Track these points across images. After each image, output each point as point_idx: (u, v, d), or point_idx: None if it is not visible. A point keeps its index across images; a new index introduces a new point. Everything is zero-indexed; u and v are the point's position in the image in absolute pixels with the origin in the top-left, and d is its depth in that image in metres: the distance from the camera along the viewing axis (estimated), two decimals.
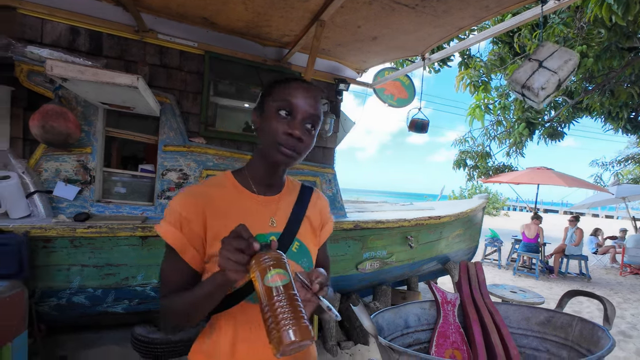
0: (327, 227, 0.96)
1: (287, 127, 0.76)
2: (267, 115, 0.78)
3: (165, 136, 2.41)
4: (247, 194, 0.84)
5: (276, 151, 0.77)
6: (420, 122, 2.70)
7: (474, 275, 1.08)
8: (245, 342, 0.78)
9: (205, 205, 0.77)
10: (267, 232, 0.82)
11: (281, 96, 0.77)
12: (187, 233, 0.75)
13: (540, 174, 6.72)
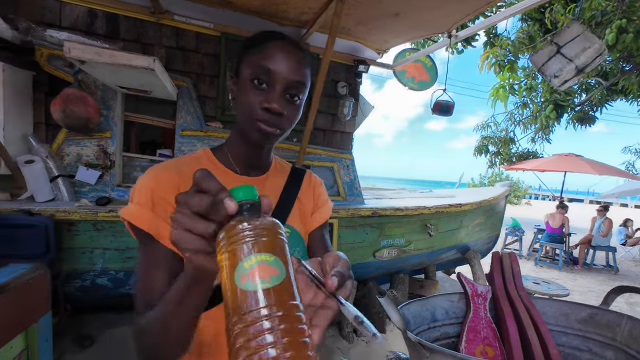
0: (325, 208, 0.83)
1: (264, 99, 0.63)
2: (241, 85, 0.65)
3: (183, 121, 2.39)
4: (228, 174, 0.72)
5: (253, 129, 0.65)
6: (445, 105, 2.56)
7: (508, 267, 1.00)
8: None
9: (181, 181, 0.63)
10: None
11: (256, 61, 0.63)
12: (162, 213, 0.59)
13: (568, 161, 6.40)
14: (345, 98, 2.79)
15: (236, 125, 0.71)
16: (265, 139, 0.66)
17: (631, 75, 4.73)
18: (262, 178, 0.76)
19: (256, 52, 0.64)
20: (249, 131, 0.66)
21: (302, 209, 0.79)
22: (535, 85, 5.26)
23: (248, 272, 0.30)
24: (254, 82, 0.63)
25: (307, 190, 0.82)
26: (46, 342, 1.21)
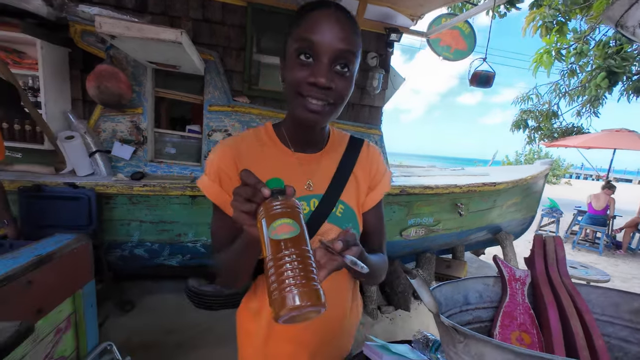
0: (381, 185, 0.82)
1: (310, 74, 0.60)
2: (288, 63, 0.63)
3: (210, 96, 2.40)
4: (284, 150, 0.73)
5: (301, 107, 0.63)
6: (485, 75, 2.36)
7: (552, 252, 0.93)
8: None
9: (237, 157, 0.70)
10: (304, 195, 0.72)
11: (300, 34, 0.60)
12: (227, 187, 0.69)
13: (619, 137, 5.85)
14: (375, 70, 2.65)
15: (288, 104, 0.69)
16: (315, 117, 0.63)
17: None
18: (317, 155, 0.76)
19: (300, 25, 0.61)
20: (297, 110, 0.64)
21: (357, 184, 0.79)
22: (586, 50, 4.64)
23: (276, 228, 0.47)
24: (299, 57, 0.61)
25: (364, 164, 0.81)
26: (91, 307, 1.30)
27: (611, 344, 0.86)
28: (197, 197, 2.31)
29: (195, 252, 2.53)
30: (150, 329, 2.37)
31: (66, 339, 1.20)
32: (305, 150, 0.75)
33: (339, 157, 0.78)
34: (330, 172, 0.75)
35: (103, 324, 2.36)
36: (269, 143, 0.74)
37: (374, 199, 0.82)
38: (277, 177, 0.52)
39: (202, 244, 2.48)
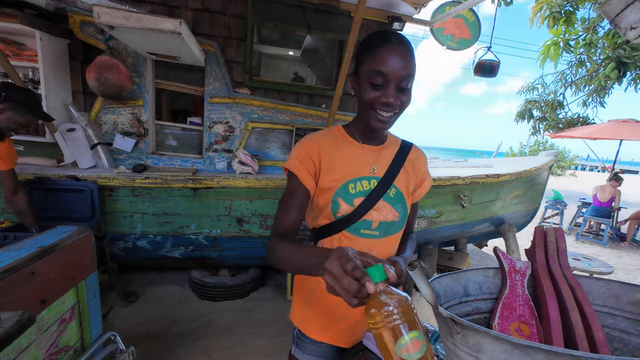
0: (425, 183, 1.04)
1: (382, 95, 0.80)
2: (361, 82, 0.83)
3: (211, 87, 2.38)
4: (353, 143, 0.94)
5: (374, 119, 0.84)
6: (489, 64, 2.32)
7: (553, 243, 0.92)
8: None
9: (320, 146, 0.91)
10: (367, 175, 0.92)
11: (372, 66, 0.79)
12: (306, 164, 0.90)
13: (626, 128, 5.75)
14: None
15: (359, 112, 0.92)
16: (384, 125, 0.85)
17: None
18: (378, 148, 0.96)
19: (372, 56, 0.80)
20: (370, 120, 0.85)
21: (407, 175, 0.98)
22: (595, 40, 4.52)
23: (406, 346, 0.46)
24: (371, 83, 0.80)
25: (413, 161, 1.00)
26: (94, 297, 1.31)
27: (611, 335, 0.86)
28: (198, 189, 2.31)
29: (198, 244, 2.55)
30: (154, 320, 2.40)
31: (70, 328, 1.21)
32: (370, 143, 0.95)
33: (394, 152, 0.98)
34: (387, 161, 0.96)
35: (107, 315, 2.39)
36: (341, 138, 0.95)
37: (420, 194, 1.05)
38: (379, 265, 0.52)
39: (204, 236, 2.50)
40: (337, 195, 0.90)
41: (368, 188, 0.91)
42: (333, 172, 0.90)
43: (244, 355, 2.11)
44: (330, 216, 0.91)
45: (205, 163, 2.55)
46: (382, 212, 0.93)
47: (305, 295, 1.02)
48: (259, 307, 2.70)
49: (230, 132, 2.52)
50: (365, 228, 0.92)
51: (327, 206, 0.91)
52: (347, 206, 0.90)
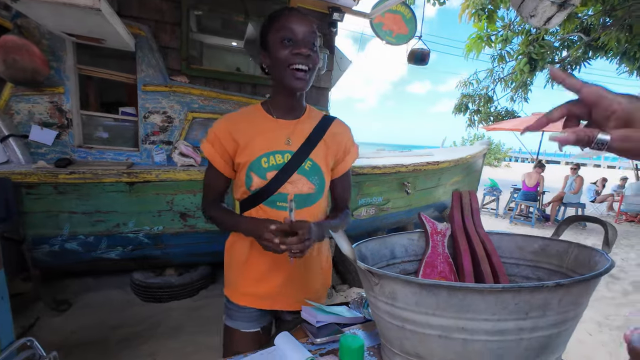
0: (348, 157, 1.06)
1: (293, 48, 0.86)
2: (273, 49, 0.88)
3: (144, 74, 2.23)
4: (268, 118, 0.97)
5: (291, 75, 0.87)
6: (420, 53, 2.47)
7: (467, 205, 1.00)
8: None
9: (233, 125, 0.94)
10: (280, 149, 0.94)
11: (280, 27, 0.86)
12: (218, 148, 0.95)
13: None
14: (320, 49, 2.64)
15: (275, 81, 0.94)
16: (302, 82, 0.88)
17: (611, 31, 4.69)
18: (295, 122, 0.98)
19: (279, 21, 0.87)
20: (288, 77, 0.88)
21: (327, 148, 1.00)
22: (510, 37, 5.13)
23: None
24: (283, 42, 0.86)
25: (333, 134, 1.02)
26: (1, 299, 1.17)
27: (516, 281, 0.95)
28: (135, 183, 2.16)
29: (138, 243, 2.38)
30: (91, 327, 2.21)
31: None
32: (286, 117, 0.97)
33: (313, 126, 0.99)
34: (304, 135, 0.97)
35: (33, 326, 2.15)
36: (257, 114, 0.98)
37: (345, 166, 1.06)
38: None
39: (144, 233, 2.34)
40: (250, 170, 0.94)
41: (282, 162, 0.94)
42: (247, 148, 0.94)
43: (195, 353, 2.03)
44: (246, 190, 0.96)
45: (142, 156, 2.39)
46: (297, 185, 0.96)
47: (233, 264, 1.05)
48: (209, 304, 2.60)
49: (169, 122, 2.38)
50: (281, 200, 0.95)
51: (243, 181, 0.96)
52: (260, 180, 0.94)
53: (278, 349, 0.79)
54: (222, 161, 0.96)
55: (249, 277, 1.01)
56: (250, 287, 1.02)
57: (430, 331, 0.63)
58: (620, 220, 7.48)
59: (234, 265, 1.04)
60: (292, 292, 1.04)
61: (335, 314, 1.05)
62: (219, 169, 0.97)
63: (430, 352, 0.65)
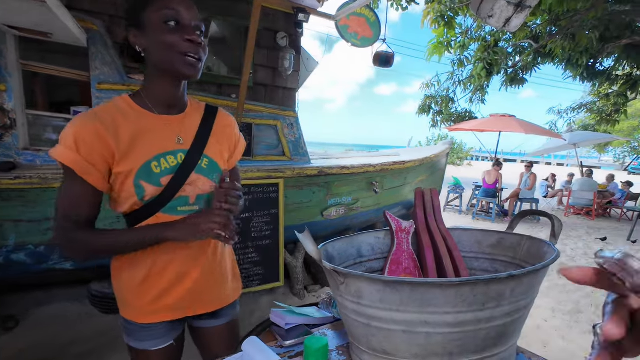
0: (240, 145, 1.01)
1: (184, 33, 0.75)
2: (153, 30, 0.75)
3: (99, 72, 2.10)
4: (148, 115, 0.83)
5: (182, 63, 0.76)
6: (385, 55, 2.54)
7: (429, 202, 1.04)
8: (166, 254, 0.86)
9: (104, 125, 0.76)
10: (171, 149, 0.83)
11: (162, 5, 0.74)
12: (86, 155, 0.73)
13: (503, 121, 6.90)
14: (286, 50, 2.63)
15: (155, 68, 0.80)
16: (194, 70, 0.78)
17: (557, 39, 5.09)
18: (181, 116, 0.87)
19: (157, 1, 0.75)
20: (178, 66, 0.77)
21: (218, 143, 0.92)
22: (468, 43, 5.46)
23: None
24: (167, 24, 0.74)
25: (223, 128, 0.95)
26: None
27: (476, 274, 1.00)
28: None
29: None
30: (43, 345, 2.04)
31: None
32: (170, 112, 0.85)
33: (200, 119, 0.90)
34: (193, 131, 0.88)
35: None
36: (130, 111, 0.81)
37: (237, 158, 1.01)
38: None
39: None
40: (138, 179, 0.78)
41: (175, 163, 0.83)
42: (129, 154, 0.77)
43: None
44: (138, 202, 0.81)
45: None
46: (198, 185, 0.87)
47: (128, 287, 0.88)
48: None
49: None
50: (182, 205, 0.85)
51: (132, 192, 0.79)
52: (154, 188, 0.80)
53: (246, 355, 0.77)
54: (95, 172, 0.75)
55: (152, 293, 0.87)
56: (155, 303, 0.88)
57: (395, 327, 0.64)
58: (569, 214, 8.12)
59: (130, 288, 0.88)
60: (207, 292, 0.95)
61: (305, 315, 1.05)
62: (91, 182, 0.75)
63: (396, 347, 0.66)
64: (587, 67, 6.00)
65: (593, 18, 4.73)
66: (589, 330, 2.73)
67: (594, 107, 8.30)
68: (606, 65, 6.18)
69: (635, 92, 6.14)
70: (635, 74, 6.05)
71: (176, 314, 0.91)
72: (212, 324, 1.02)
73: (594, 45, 4.93)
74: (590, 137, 8.28)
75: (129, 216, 0.84)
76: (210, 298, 0.97)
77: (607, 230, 6.68)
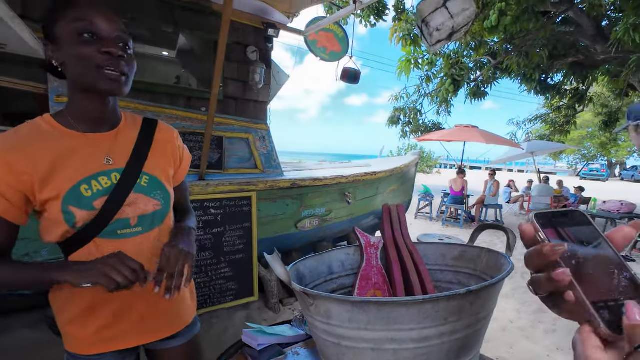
0: (185, 159, 0.97)
1: (101, 46, 0.70)
2: (68, 44, 0.70)
3: (57, 84, 2.00)
4: (70, 134, 0.76)
5: (100, 77, 0.71)
6: (353, 72, 2.63)
7: (396, 218, 1.07)
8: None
9: (17, 153, 0.69)
10: (102, 170, 0.78)
11: (76, 17, 0.69)
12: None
13: (466, 132, 7.27)
14: (256, 64, 2.65)
15: (74, 84, 0.75)
16: (113, 85, 0.72)
17: (512, 56, 5.50)
18: (112, 133, 0.81)
19: (72, 9, 0.69)
20: (96, 81, 0.71)
21: (160, 158, 0.87)
22: (434, 60, 5.80)
23: None
24: (82, 37, 0.69)
25: (165, 142, 0.90)
26: None
27: (441, 287, 1.04)
28: None
29: None
30: None
31: None
32: (98, 130, 0.79)
33: (136, 135, 0.85)
34: (129, 148, 0.82)
35: None
36: (52, 132, 0.75)
37: (184, 172, 0.98)
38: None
39: None
40: (66, 204, 0.73)
41: (109, 184, 0.78)
42: (51, 179, 0.72)
43: None
44: (69, 229, 0.75)
45: None
46: (139, 205, 0.81)
47: (69, 320, 0.82)
48: None
49: None
50: (123, 228, 0.80)
51: (60, 219, 0.74)
52: (86, 212, 0.75)
53: None
54: (5, 203, 0.69)
55: (96, 324, 0.81)
56: (100, 333, 0.82)
57: (364, 345, 0.66)
58: None
59: (71, 320, 0.82)
60: (158, 321, 0.89)
61: (277, 334, 1.04)
62: (2, 214, 0.70)
63: None
64: (540, 82, 6.50)
65: (543, 37, 5.16)
66: (552, 329, 2.89)
67: (548, 119, 8.97)
68: (556, 80, 6.73)
69: (582, 104, 6.71)
70: (581, 88, 6.63)
71: (126, 343, 0.85)
72: (169, 345, 0.95)
73: (545, 62, 5.36)
74: (545, 146, 8.89)
75: (63, 245, 0.78)
76: (163, 325, 0.91)
77: None
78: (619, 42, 4.06)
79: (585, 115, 16.20)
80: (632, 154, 26.18)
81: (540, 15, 4.87)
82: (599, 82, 6.85)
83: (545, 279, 0.32)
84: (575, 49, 5.53)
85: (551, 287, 0.31)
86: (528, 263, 0.35)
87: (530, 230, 0.35)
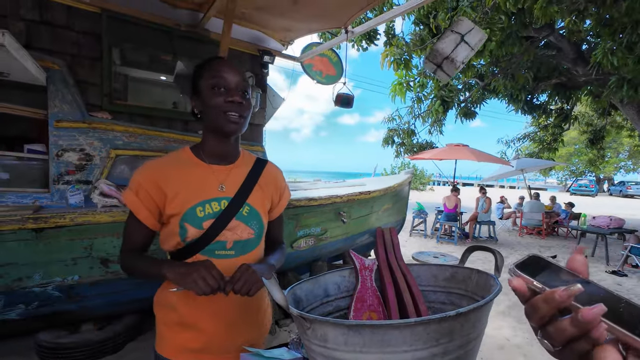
0: (284, 197, 1.10)
1: (227, 96, 0.88)
2: (205, 95, 0.89)
3: (57, 110, 2.04)
4: (199, 164, 0.95)
5: (225, 120, 0.89)
6: (346, 97, 2.73)
7: (389, 240, 1.11)
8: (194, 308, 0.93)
9: (159, 174, 0.90)
10: (215, 196, 0.93)
11: (211, 75, 0.89)
12: (143, 197, 0.89)
13: (458, 150, 7.43)
14: (252, 89, 2.73)
15: (207, 126, 0.94)
16: (234, 126, 0.90)
17: (499, 78, 5.72)
18: (229, 167, 0.98)
19: (209, 69, 0.90)
20: (222, 123, 0.89)
21: (262, 192, 1.01)
22: (425, 83, 6.01)
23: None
24: (214, 90, 0.88)
25: (268, 178, 1.04)
26: None
27: (434, 307, 1.07)
28: (44, 229, 1.90)
29: (46, 298, 2.06)
30: None
31: None
32: (220, 163, 0.97)
33: (248, 171, 1.00)
34: (239, 180, 0.98)
35: None
36: (187, 161, 0.95)
37: (281, 209, 1.11)
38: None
39: (55, 286, 2.04)
40: (183, 221, 0.89)
41: (218, 209, 0.92)
42: (177, 197, 0.90)
43: None
44: (180, 242, 0.91)
45: (54, 198, 2.12)
46: (236, 232, 0.95)
47: (164, 318, 0.98)
48: (138, 358, 2.32)
49: (88, 160, 2.18)
50: (220, 249, 0.93)
51: (176, 232, 0.90)
52: (196, 230, 0.90)
53: None
54: (146, 212, 0.90)
55: (184, 331, 0.95)
56: (188, 342, 0.95)
57: None
58: (522, 234, 8.69)
59: (165, 319, 0.97)
60: (234, 340, 1.01)
61: (275, 357, 1.05)
62: (142, 220, 0.90)
63: None
64: (526, 102, 6.74)
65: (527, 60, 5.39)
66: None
67: (536, 137, 9.21)
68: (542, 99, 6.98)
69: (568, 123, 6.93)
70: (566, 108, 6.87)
71: (204, 357, 0.97)
72: None
73: (530, 84, 5.58)
74: (533, 163, 9.09)
75: (173, 255, 0.95)
76: (235, 348, 1.02)
77: (556, 247, 7.23)
78: (599, 64, 4.28)
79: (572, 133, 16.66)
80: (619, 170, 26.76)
81: (524, 39, 5.11)
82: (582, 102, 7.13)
83: (569, 324, 0.29)
84: (558, 71, 5.78)
85: (578, 330, 0.29)
86: (533, 316, 0.32)
87: (522, 284, 0.33)
